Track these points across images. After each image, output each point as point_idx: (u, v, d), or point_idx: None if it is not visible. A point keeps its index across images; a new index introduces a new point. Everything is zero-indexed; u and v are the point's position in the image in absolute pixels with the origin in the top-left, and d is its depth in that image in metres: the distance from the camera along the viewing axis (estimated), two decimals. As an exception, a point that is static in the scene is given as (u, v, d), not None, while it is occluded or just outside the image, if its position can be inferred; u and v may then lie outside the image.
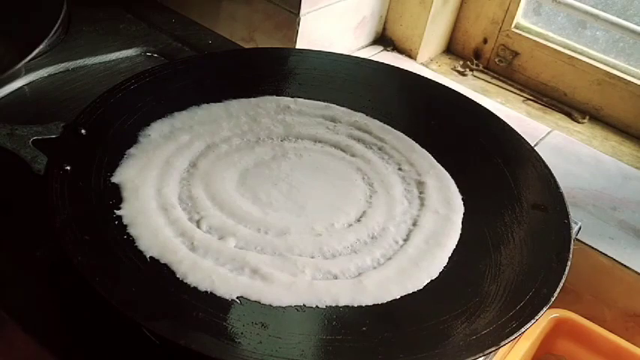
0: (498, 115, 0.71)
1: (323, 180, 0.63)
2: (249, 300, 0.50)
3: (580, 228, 0.71)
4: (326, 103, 0.71)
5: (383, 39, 1.03)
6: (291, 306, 0.50)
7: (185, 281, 0.51)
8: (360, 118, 0.70)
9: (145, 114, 0.65)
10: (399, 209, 0.60)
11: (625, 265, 0.70)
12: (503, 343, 0.48)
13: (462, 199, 0.62)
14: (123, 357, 0.51)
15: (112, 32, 0.86)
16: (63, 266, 0.54)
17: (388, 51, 1.01)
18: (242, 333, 0.48)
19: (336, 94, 0.72)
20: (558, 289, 0.52)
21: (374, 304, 0.51)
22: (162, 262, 0.52)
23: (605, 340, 0.69)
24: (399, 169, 0.65)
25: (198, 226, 0.56)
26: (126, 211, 0.55)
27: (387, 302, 0.52)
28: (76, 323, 0.54)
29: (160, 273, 0.51)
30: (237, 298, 0.50)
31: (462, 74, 1.00)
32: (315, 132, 0.68)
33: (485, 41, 1.01)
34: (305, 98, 0.71)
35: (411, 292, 0.53)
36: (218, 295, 0.50)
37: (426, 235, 0.58)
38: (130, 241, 0.53)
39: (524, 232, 0.59)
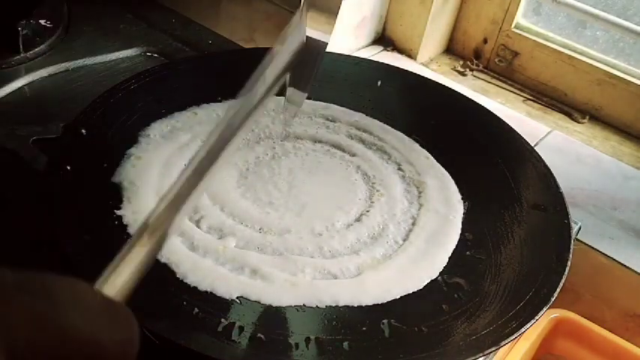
0: (498, 115, 0.71)
1: (323, 180, 0.63)
2: (249, 300, 0.50)
3: (580, 228, 0.70)
4: (326, 103, 0.71)
5: (383, 39, 1.03)
6: (291, 306, 0.50)
7: (185, 281, 0.51)
8: (360, 118, 0.70)
9: (145, 114, 0.65)
10: (399, 209, 0.60)
11: (625, 265, 0.70)
12: (503, 343, 0.48)
13: (462, 199, 0.62)
14: (123, 357, 0.51)
15: (112, 32, 0.86)
16: (63, 266, 0.54)
17: (388, 51, 1.01)
18: (242, 333, 0.47)
19: (336, 94, 0.72)
20: (558, 289, 0.52)
21: (374, 304, 0.51)
22: (162, 262, 0.52)
23: (605, 340, 0.69)
24: (399, 168, 0.65)
25: (198, 226, 0.56)
26: (126, 211, 0.55)
27: (387, 302, 0.52)
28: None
29: (160, 273, 0.51)
30: (237, 298, 0.50)
31: (462, 74, 1.00)
32: (315, 132, 0.68)
33: (485, 41, 1.00)
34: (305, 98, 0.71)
35: (411, 292, 0.53)
36: (218, 295, 0.50)
37: (426, 234, 0.58)
38: (130, 241, 0.53)
39: (524, 232, 0.59)
